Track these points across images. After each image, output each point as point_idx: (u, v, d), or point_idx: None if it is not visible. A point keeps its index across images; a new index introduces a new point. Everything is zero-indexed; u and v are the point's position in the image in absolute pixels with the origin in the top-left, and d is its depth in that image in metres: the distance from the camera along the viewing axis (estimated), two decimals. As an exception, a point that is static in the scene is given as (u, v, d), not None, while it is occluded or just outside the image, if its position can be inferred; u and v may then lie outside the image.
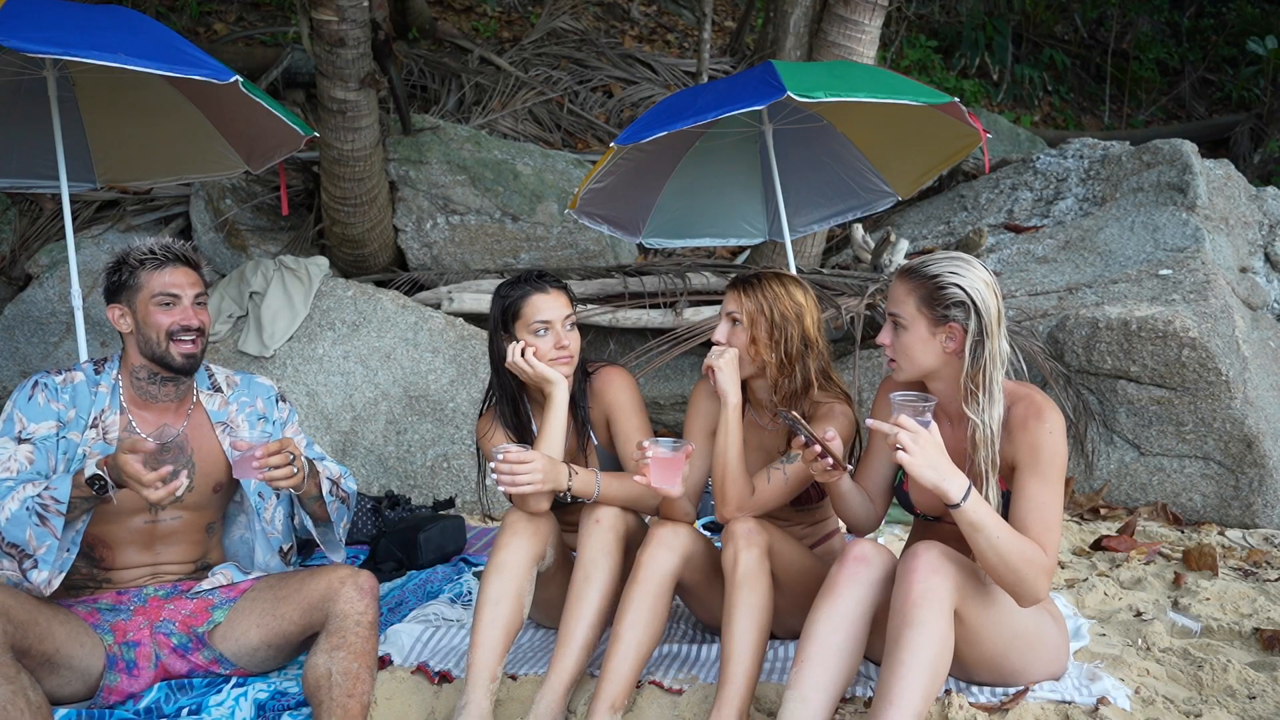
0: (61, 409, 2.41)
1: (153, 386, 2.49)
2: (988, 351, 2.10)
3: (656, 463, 2.23)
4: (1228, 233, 5.18)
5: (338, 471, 2.61)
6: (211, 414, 2.56)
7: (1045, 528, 2.04)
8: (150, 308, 2.42)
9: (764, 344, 2.42)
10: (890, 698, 1.93)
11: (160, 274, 2.43)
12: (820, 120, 4.09)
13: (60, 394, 2.42)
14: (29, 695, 2.07)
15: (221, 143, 4.26)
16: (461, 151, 6.05)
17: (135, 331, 2.45)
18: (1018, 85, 10.60)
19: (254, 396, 2.65)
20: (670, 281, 5.06)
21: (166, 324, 2.42)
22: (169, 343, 2.42)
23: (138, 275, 2.43)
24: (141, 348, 2.45)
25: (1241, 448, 3.96)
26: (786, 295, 2.44)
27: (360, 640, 2.28)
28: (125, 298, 2.45)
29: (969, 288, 2.11)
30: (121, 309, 2.46)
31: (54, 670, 2.24)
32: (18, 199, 5.78)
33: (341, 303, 4.62)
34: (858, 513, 2.31)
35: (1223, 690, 2.36)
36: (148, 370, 2.47)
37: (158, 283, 2.42)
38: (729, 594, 2.24)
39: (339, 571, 2.37)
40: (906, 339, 2.18)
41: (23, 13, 3.18)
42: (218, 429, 2.55)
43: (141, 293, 2.43)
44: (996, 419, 2.11)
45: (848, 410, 2.46)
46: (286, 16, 8.66)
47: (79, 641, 2.30)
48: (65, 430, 2.40)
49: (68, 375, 2.47)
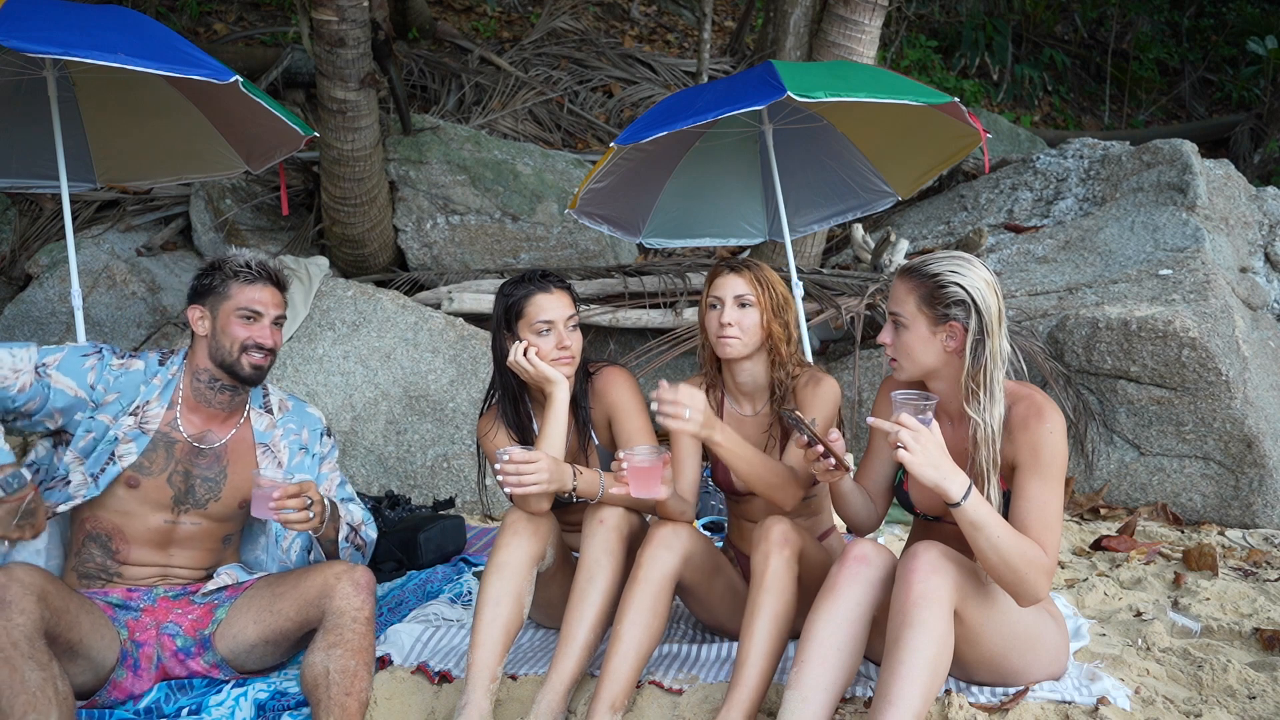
0: (100, 389, 2.43)
1: (210, 391, 2.52)
2: (989, 350, 2.10)
3: (633, 472, 2.23)
4: (1228, 233, 5.18)
5: (360, 518, 2.65)
6: (257, 433, 2.59)
7: (1045, 527, 2.04)
8: (232, 318, 2.47)
9: (774, 321, 2.50)
10: (890, 698, 1.93)
11: (250, 289, 2.48)
12: (820, 120, 4.09)
13: (111, 376, 2.45)
14: (58, 685, 2.06)
15: (221, 143, 4.26)
16: (461, 151, 6.05)
17: (210, 336, 2.49)
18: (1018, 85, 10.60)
19: (301, 426, 2.67)
20: (670, 281, 5.06)
21: (243, 337, 2.46)
22: (241, 354, 2.46)
23: (229, 285, 2.47)
24: (213, 353, 2.49)
25: (1241, 448, 3.96)
26: (777, 279, 2.55)
27: (357, 637, 2.28)
28: (210, 302, 2.49)
29: (969, 286, 2.11)
30: (202, 311, 2.50)
31: (73, 659, 2.24)
32: (18, 199, 5.78)
33: (341, 303, 4.62)
34: (859, 512, 2.31)
35: (1223, 690, 2.36)
36: (210, 375, 2.51)
37: (245, 297, 2.47)
38: (753, 594, 2.22)
39: (335, 568, 2.37)
40: (907, 338, 2.18)
41: (23, 13, 3.18)
42: (259, 449, 2.57)
43: (228, 302, 2.47)
44: (998, 418, 2.11)
45: (831, 379, 2.51)
46: (286, 16, 8.66)
47: (100, 633, 2.31)
48: (97, 411, 2.43)
49: (128, 361, 2.50)
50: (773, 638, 2.18)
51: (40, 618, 2.08)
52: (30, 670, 2.02)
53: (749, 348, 2.51)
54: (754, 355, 2.53)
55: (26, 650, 2.03)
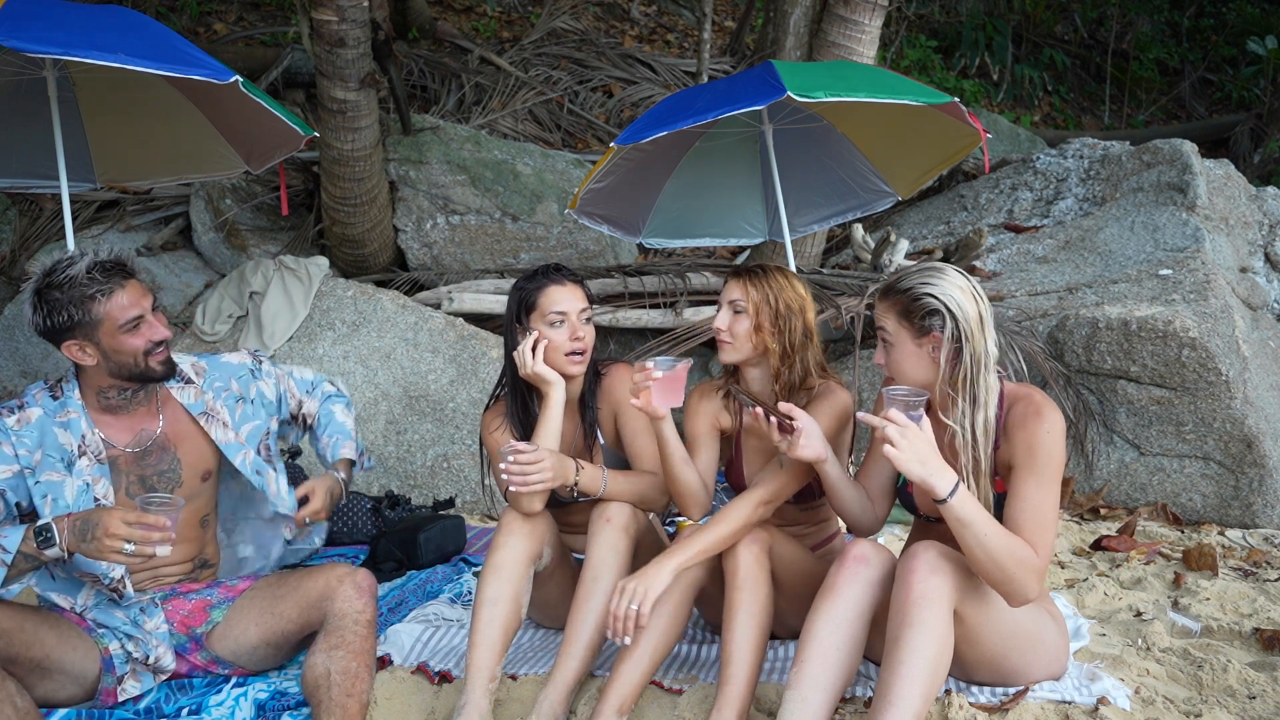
0: (24, 454, 2.26)
1: (123, 400, 2.39)
2: (969, 355, 2.09)
3: (659, 383, 2.24)
4: (1228, 233, 5.18)
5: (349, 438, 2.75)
6: (188, 406, 2.49)
7: (1039, 527, 2.03)
8: (117, 336, 2.28)
9: (768, 333, 2.45)
10: (890, 698, 1.93)
11: (116, 299, 2.26)
12: (820, 120, 4.09)
13: (17, 437, 2.28)
14: (15, 701, 2.06)
15: (221, 143, 4.26)
16: (461, 151, 6.05)
17: (102, 360, 2.31)
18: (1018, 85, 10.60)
19: (226, 378, 2.58)
20: (670, 281, 5.06)
21: (141, 346, 2.31)
22: (147, 360, 2.33)
23: (89, 310, 2.24)
24: (113, 371, 2.33)
25: (1241, 448, 3.96)
26: (790, 287, 2.48)
27: (358, 639, 2.27)
28: (81, 333, 2.27)
29: (941, 295, 2.10)
30: (79, 344, 2.28)
31: (46, 675, 2.23)
32: (18, 199, 5.77)
33: (341, 303, 4.62)
34: (854, 509, 2.31)
35: (1223, 690, 2.36)
36: (118, 388, 2.37)
37: (117, 311, 2.26)
38: (729, 594, 2.25)
39: (337, 570, 2.37)
40: (895, 355, 2.19)
41: (23, 12, 3.18)
42: (200, 419, 2.48)
43: (103, 325, 2.27)
44: (980, 424, 2.10)
45: (844, 393, 2.48)
46: (286, 16, 8.66)
47: (70, 646, 2.29)
48: (36, 474, 2.26)
49: (21, 415, 2.31)
50: (754, 632, 2.19)
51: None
52: None
53: (742, 354, 2.48)
54: (758, 361, 2.51)
55: None
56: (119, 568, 2.29)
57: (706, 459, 2.56)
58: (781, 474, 2.36)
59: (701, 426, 2.58)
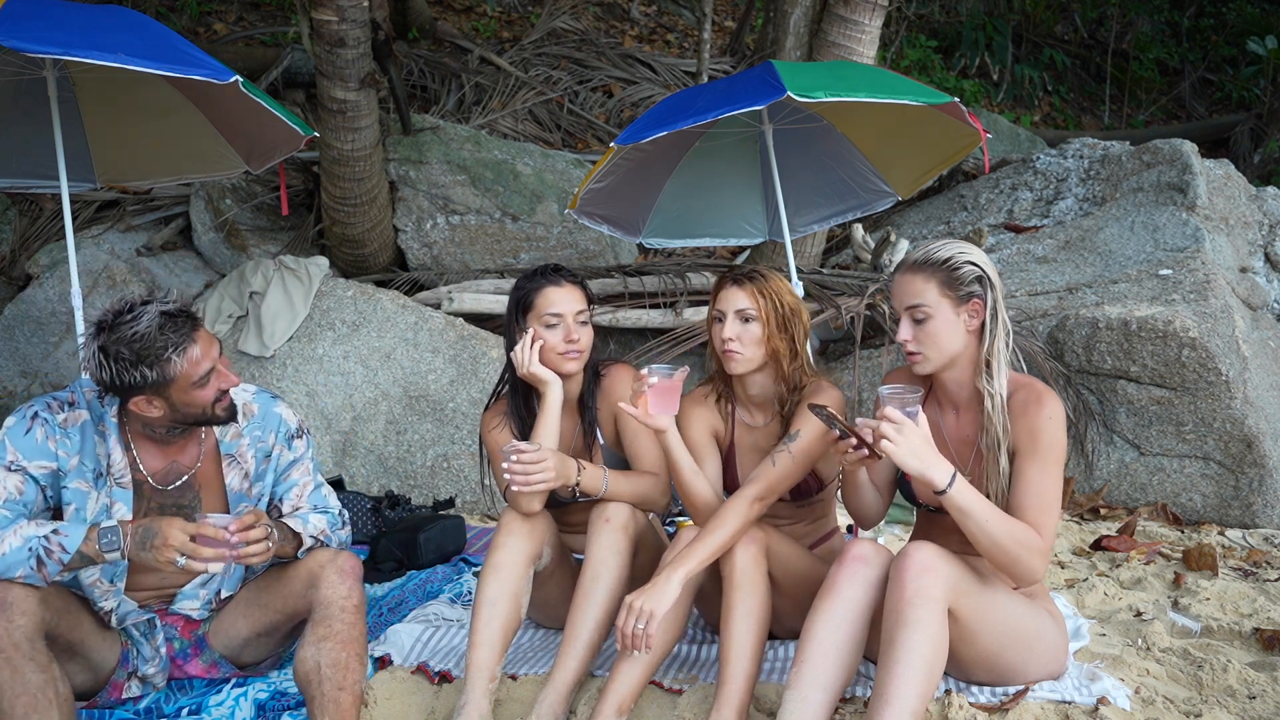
0: (64, 455, 2.22)
1: (169, 434, 2.31)
2: (1001, 322, 2.20)
3: (654, 391, 2.25)
4: (1228, 233, 5.18)
5: (322, 527, 2.41)
6: (223, 444, 2.39)
7: (1042, 510, 2.08)
8: (189, 391, 2.20)
9: (777, 336, 2.45)
10: (887, 697, 1.94)
11: (188, 355, 2.17)
12: (820, 120, 4.09)
13: (63, 435, 2.23)
14: (59, 687, 2.05)
15: (221, 143, 4.26)
16: (461, 151, 6.05)
17: (169, 411, 2.23)
18: (1018, 85, 10.60)
19: (267, 431, 2.43)
20: (670, 281, 5.06)
21: (211, 397, 2.24)
22: (215, 407, 2.26)
23: (164, 370, 2.15)
24: (179, 420, 2.25)
25: (1241, 448, 3.96)
26: (785, 288, 2.51)
27: (346, 627, 2.22)
28: (151, 391, 2.18)
29: (980, 262, 2.22)
30: (148, 400, 2.20)
31: (71, 659, 2.22)
32: (18, 199, 5.78)
33: (341, 303, 4.62)
34: (869, 505, 2.34)
35: (1223, 690, 2.36)
36: (168, 426, 2.28)
37: (191, 368, 2.18)
38: (727, 594, 2.25)
39: (319, 556, 2.32)
40: (933, 327, 2.20)
41: (23, 12, 3.18)
42: (224, 460, 2.39)
43: (176, 383, 2.18)
44: (1003, 390, 2.18)
45: (834, 389, 2.50)
46: (286, 16, 8.66)
47: (100, 635, 2.30)
48: (68, 479, 2.22)
49: (69, 415, 2.25)
50: (752, 632, 2.20)
51: (41, 619, 2.07)
52: (31, 672, 2.01)
53: (753, 362, 2.47)
54: (762, 368, 2.51)
55: (28, 651, 2.02)
56: (112, 599, 2.30)
57: (713, 467, 2.55)
58: (774, 470, 2.36)
59: (701, 435, 2.58)
